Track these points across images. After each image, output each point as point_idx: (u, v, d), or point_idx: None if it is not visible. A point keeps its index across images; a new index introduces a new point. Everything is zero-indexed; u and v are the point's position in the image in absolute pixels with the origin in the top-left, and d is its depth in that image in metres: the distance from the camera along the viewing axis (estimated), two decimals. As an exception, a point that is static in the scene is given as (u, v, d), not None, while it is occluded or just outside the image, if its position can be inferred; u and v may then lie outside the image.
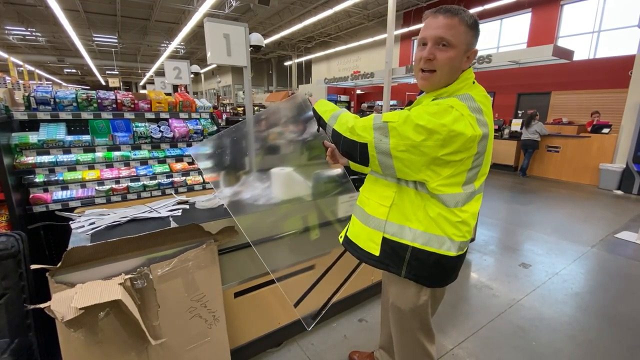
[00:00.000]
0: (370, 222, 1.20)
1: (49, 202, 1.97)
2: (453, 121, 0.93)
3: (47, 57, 20.01)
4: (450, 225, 1.09)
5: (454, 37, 1.00)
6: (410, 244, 1.11)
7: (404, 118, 0.99)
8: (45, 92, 1.97)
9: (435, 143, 0.95)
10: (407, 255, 1.13)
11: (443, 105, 0.97)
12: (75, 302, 1.12)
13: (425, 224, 1.09)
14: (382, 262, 1.18)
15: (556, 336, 2.19)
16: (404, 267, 1.14)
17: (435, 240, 1.10)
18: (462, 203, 1.07)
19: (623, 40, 8.53)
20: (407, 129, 0.96)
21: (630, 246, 3.68)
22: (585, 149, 6.93)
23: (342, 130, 1.12)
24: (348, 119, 1.14)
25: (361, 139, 1.05)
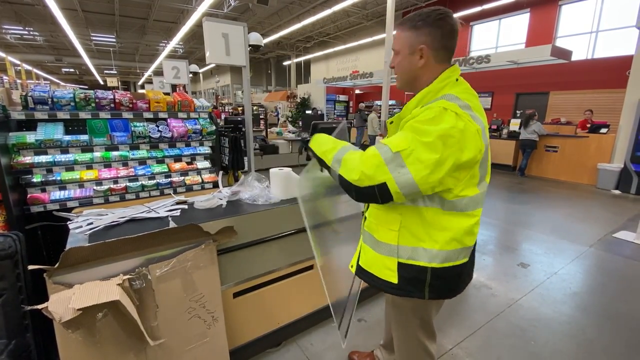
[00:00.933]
0: (381, 248, 1.13)
1: (46, 202, 1.96)
2: (455, 120, 0.93)
3: (45, 57, 19.94)
4: (466, 234, 1.07)
5: (397, 45, 1.11)
6: (428, 265, 1.06)
7: (412, 140, 0.93)
8: (42, 92, 1.96)
9: (454, 148, 0.92)
10: (427, 277, 1.07)
11: (435, 109, 0.95)
12: (73, 302, 1.12)
13: (441, 242, 1.05)
14: (402, 289, 1.10)
15: (555, 336, 2.20)
16: (426, 290, 1.09)
17: (453, 254, 1.07)
18: (475, 206, 1.06)
19: (621, 40, 8.56)
20: (421, 151, 0.91)
21: (629, 246, 3.69)
22: (584, 149, 6.95)
23: (352, 178, 0.98)
24: (354, 161, 1.00)
25: (376, 180, 0.94)
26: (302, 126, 8.87)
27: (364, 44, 15.81)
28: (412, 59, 1.07)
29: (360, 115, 11.08)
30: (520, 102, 10.59)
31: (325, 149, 1.11)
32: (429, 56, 1.05)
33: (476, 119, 0.99)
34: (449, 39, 1.04)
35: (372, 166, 0.95)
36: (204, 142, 2.55)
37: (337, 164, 1.04)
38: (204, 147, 2.55)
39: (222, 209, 1.92)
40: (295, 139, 7.06)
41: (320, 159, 1.13)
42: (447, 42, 1.04)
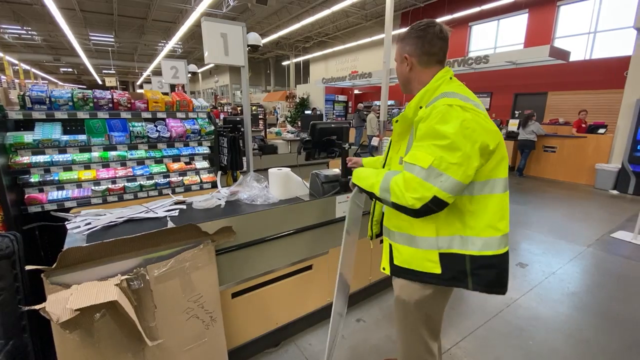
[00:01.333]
0: (420, 243, 1.17)
1: (44, 203, 1.95)
2: (463, 112, 1.01)
3: (43, 56, 19.88)
4: (499, 219, 1.10)
5: (394, 55, 1.30)
6: (466, 253, 1.11)
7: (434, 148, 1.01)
8: (40, 91, 1.95)
9: (474, 136, 1.00)
10: (467, 266, 1.12)
11: (440, 108, 1.03)
12: (71, 303, 1.11)
13: (477, 229, 1.10)
14: (447, 279, 1.14)
15: (553, 335, 2.20)
16: (469, 280, 1.13)
17: (492, 241, 1.10)
18: (504, 188, 1.11)
19: (619, 41, 8.59)
20: (447, 154, 0.99)
21: (626, 246, 3.70)
22: (582, 149, 6.97)
23: (405, 203, 1.03)
24: (399, 188, 1.05)
25: (427, 198, 1.00)
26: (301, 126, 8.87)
27: (363, 44, 15.83)
28: (401, 66, 1.25)
29: (359, 115, 11.09)
30: (519, 103, 10.62)
31: (371, 183, 1.18)
32: (413, 62, 1.20)
33: (479, 106, 1.08)
34: (431, 45, 1.16)
35: (416, 188, 1.01)
36: (203, 142, 2.55)
37: (387, 193, 1.10)
38: (203, 147, 2.55)
39: (221, 209, 1.92)
40: (294, 139, 7.06)
41: (370, 192, 1.21)
42: (429, 48, 1.16)
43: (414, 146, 1.08)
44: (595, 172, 6.55)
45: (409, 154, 1.08)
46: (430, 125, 1.03)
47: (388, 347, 2.06)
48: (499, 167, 1.09)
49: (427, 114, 1.06)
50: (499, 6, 10.39)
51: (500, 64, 8.40)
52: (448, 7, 11.67)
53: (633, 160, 6.01)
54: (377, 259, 2.40)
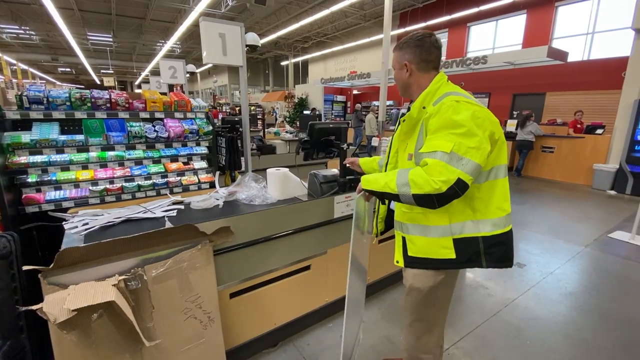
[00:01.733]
0: (433, 232, 1.24)
1: (41, 203, 1.95)
2: (471, 106, 1.13)
3: (41, 56, 19.81)
4: (504, 200, 1.22)
5: (392, 62, 1.39)
6: (478, 235, 1.21)
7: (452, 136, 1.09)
8: (38, 91, 1.94)
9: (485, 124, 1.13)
10: (481, 246, 1.22)
11: (449, 103, 1.14)
12: (68, 303, 1.11)
13: (486, 212, 1.21)
14: (462, 262, 1.23)
15: (550, 335, 2.21)
16: (483, 259, 1.23)
17: (499, 221, 1.22)
18: (505, 173, 1.24)
19: (616, 42, 8.62)
20: (465, 140, 1.08)
21: (624, 246, 3.72)
22: (579, 150, 6.99)
23: (431, 189, 1.06)
24: (421, 177, 1.08)
25: (452, 180, 1.05)
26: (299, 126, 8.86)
27: (361, 44, 15.83)
28: (401, 72, 1.34)
29: (357, 115, 11.10)
30: (517, 103, 10.64)
31: (383, 183, 1.21)
32: (412, 69, 1.30)
33: (479, 103, 1.19)
34: (429, 53, 1.27)
35: (441, 172, 1.06)
36: (201, 142, 2.55)
37: (406, 187, 1.12)
38: (201, 147, 2.55)
39: (219, 209, 1.92)
40: (293, 139, 7.05)
41: (383, 193, 1.23)
42: (427, 56, 1.27)
43: (430, 138, 1.15)
44: (593, 172, 6.57)
45: (426, 145, 1.15)
46: (444, 117, 1.12)
47: (387, 347, 2.06)
48: (500, 154, 1.21)
49: (436, 110, 1.16)
50: (498, 7, 10.41)
51: (499, 65, 8.43)
52: (447, 8, 11.68)
53: (631, 160, 6.03)
54: (375, 259, 2.41)
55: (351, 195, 2.12)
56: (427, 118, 1.18)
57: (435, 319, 1.41)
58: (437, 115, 1.14)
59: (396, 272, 2.65)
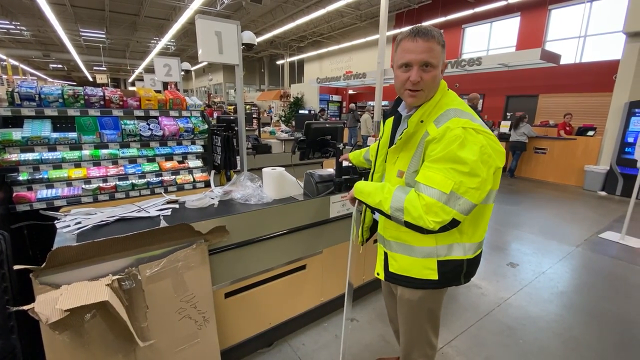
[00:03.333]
0: (418, 252, 1.20)
1: (33, 201, 1.92)
2: (478, 137, 1.04)
3: (32, 52, 19.49)
4: (486, 223, 1.22)
5: (435, 59, 1.08)
6: (464, 258, 1.20)
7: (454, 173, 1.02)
8: (29, 88, 1.91)
9: (490, 160, 1.05)
10: (464, 268, 1.21)
11: (456, 131, 1.03)
12: (61, 303, 1.09)
13: (474, 236, 1.19)
14: (443, 283, 1.22)
15: (542, 334, 2.24)
16: (462, 278, 1.24)
17: (481, 243, 1.25)
18: (494, 197, 1.21)
19: (608, 45, 8.76)
20: (467, 181, 1.02)
21: (614, 246, 3.78)
22: (571, 151, 7.09)
23: (424, 225, 1.04)
24: (417, 210, 1.04)
25: (447, 221, 1.04)
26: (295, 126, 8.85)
27: (357, 44, 15.86)
28: (440, 74, 1.13)
29: (353, 115, 11.11)
30: (511, 105, 10.75)
31: (378, 201, 1.16)
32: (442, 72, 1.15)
33: (484, 125, 1.10)
34: None
35: (437, 213, 1.03)
36: (196, 141, 2.52)
37: (399, 212, 1.08)
38: (196, 145, 2.53)
39: (214, 209, 1.90)
40: (288, 138, 7.04)
41: (376, 209, 1.18)
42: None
43: (428, 167, 1.07)
44: (584, 173, 6.67)
45: (424, 175, 1.07)
46: (449, 150, 1.03)
47: (381, 347, 2.07)
48: (496, 180, 1.14)
49: (440, 135, 1.05)
50: (492, 9, 10.51)
51: (493, 66, 8.50)
52: (442, 9, 11.76)
53: (621, 162, 6.13)
54: (370, 259, 2.41)
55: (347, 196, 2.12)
56: (429, 141, 1.08)
57: (428, 325, 1.39)
58: (441, 144, 1.04)
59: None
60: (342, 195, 2.10)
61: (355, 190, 1.31)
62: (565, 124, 7.55)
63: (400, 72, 1.14)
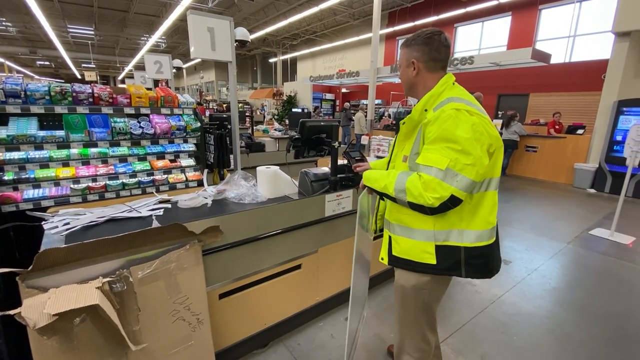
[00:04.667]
0: (417, 235, 1.24)
1: (19, 202, 1.86)
2: (470, 117, 1.10)
3: (18, 48, 19.03)
4: (491, 212, 1.22)
5: (399, 61, 1.35)
6: (461, 245, 1.21)
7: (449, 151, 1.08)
8: (15, 85, 1.85)
9: (483, 138, 1.11)
10: (462, 256, 1.21)
11: (449, 112, 1.11)
12: (49, 307, 1.06)
13: (472, 223, 1.20)
14: (442, 269, 1.23)
15: (535, 330, 2.26)
16: (463, 269, 1.23)
17: (484, 233, 1.22)
18: (496, 186, 1.24)
19: (597, 45, 8.90)
20: (462, 157, 1.08)
21: (603, 242, 3.85)
22: (561, 149, 7.20)
23: (424, 203, 1.10)
24: (417, 189, 1.10)
25: (445, 197, 1.08)
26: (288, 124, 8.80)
27: (350, 42, 15.86)
28: (407, 70, 1.30)
29: (346, 114, 11.12)
30: (502, 103, 10.87)
31: (383, 185, 1.23)
32: (420, 67, 1.26)
33: (482, 110, 1.17)
34: (438, 52, 1.23)
35: (435, 189, 1.08)
36: (188, 139, 2.48)
37: (402, 193, 1.15)
38: (188, 144, 2.49)
39: (207, 208, 1.87)
40: (282, 137, 7.00)
41: (382, 193, 1.27)
42: (436, 55, 1.23)
43: (426, 149, 1.15)
44: (574, 171, 6.77)
45: (422, 157, 1.15)
46: (442, 129, 1.10)
47: (377, 345, 2.06)
48: (495, 167, 1.20)
49: (435, 117, 1.13)
50: (483, 8, 10.60)
51: (485, 65, 8.58)
52: (434, 8, 11.82)
53: (610, 160, 6.24)
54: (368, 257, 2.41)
55: (342, 194, 2.11)
56: (426, 124, 1.17)
57: (420, 318, 1.39)
58: (436, 124, 1.12)
59: (387, 270, 2.66)
60: (337, 194, 2.08)
61: (365, 177, 1.38)
62: (554, 123, 7.66)
63: None
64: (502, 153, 1.22)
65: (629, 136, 3.74)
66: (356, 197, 2.19)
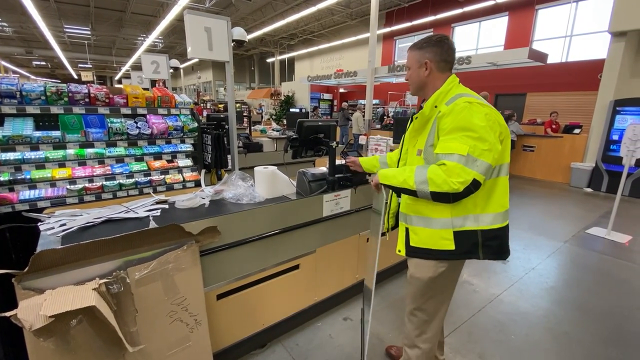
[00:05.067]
0: (435, 224, 1.31)
1: (15, 202, 1.85)
2: (483, 107, 1.22)
3: (14, 49, 18.91)
4: (503, 196, 1.31)
5: (409, 62, 1.43)
6: (477, 228, 1.29)
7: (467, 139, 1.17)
8: (10, 85, 1.83)
9: (495, 126, 1.22)
10: (479, 239, 1.29)
11: (462, 105, 1.21)
12: (45, 309, 1.05)
13: (487, 207, 1.28)
14: (460, 254, 1.31)
15: (533, 329, 2.27)
16: (480, 251, 1.31)
17: (498, 216, 1.30)
18: (507, 171, 1.32)
19: (593, 44, 8.95)
20: (479, 143, 1.17)
21: (600, 241, 3.87)
22: (558, 149, 7.23)
23: (449, 189, 1.16)
24: (440, 177, 1.17)
25: (469, 180, 1.15)
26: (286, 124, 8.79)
27: (348, 42, 15.86)
28: (419, 71, 1.39)
29: (344, 114, 11.12)
30: (499, 103, 10.90)
31: (402, 180, 1.28)
32: (432, 68, 1.36)
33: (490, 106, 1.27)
34: (447, 54, 1.35)
35: (459, 174, 1.15)
36: (186, 140, 2.47)
37: (424, 185, 1.21)
38: (186, 144, 2.48)
39: (205, 209, 1.87)
40: (280, 137, 6.99)
41: (401, 188, 1.30)
42: (446, 56, 1.35)
43: (444, 139, 1.23)
44: (571, 170, 6.80)
45: (441, 146, 1.23)
46: (458, 119, 1.20)
47: (375, 344, 2.06)
48: (504, 154, 1.29)
49: (449, 110, 1.23)
50: (481, 8, 10.63)
51: (482, 65, 8.60)
52: (432, 8, 11.84)
53: (606, 159, 6.28)
54: (364, 260, 2.41)
55: (340, 194, 2.11)
56: (440, 117, 1.25)
57: (433, 311, 1.47)
58: (451, 116, 1.21)
59: (383, 271, 2.66)
60: (335, 194, 2.08)
61: (380, 175, 1.39)
62: (551, 122, 7.70)
63: None
64: (510, 141, 1.31)
65: (625, 135, 3.76)
66: (354, 197, 2.19)
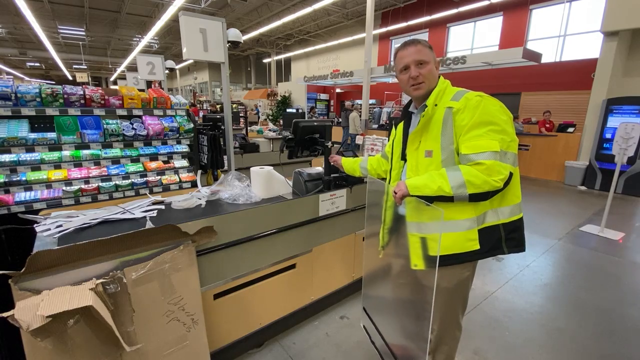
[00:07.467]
0: (462, 226, 1.27)
1: (10, 204, 1.85)
2: (494, 99, 1.25)
3: (8, 50, 18.75)
4: (517, 187, 1.31)
5: (426, 56, 1.33)
6: (498, 222, 1.28)
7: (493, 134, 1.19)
8: (5, 87, 1.83)
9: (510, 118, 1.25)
10: (502, 233, 1.29)
11: (475, 99, 1.22)
12: (42, 309, 1.05)
13: (503, 200, 1.29)
14: (485, 252, 1.29)
15: (528, 325, 2.30)
16: (504, 245, 1.30)
17: (515, 207, 1.31)
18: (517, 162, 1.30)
19: (586, 44, 9.04)
20: (505, 136, 1.20)
21: (593, 238, 3.91)
22: (552, 147, 7.30)
23: (490, 187, 1.17)
24: (479, 177, 1.16)
25: (506, 176, 1.18)
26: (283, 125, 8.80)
27: (344, 42, 15.89)
28: (435, 69, 1.37)
29: (346, 114, 11.11)
30: (494, 102, 10.95)
31: (436, 187, 1.22)
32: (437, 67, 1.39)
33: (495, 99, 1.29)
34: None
35: (500, 171, 1.17)
36: (182, 140, 2.48)
37: (462, 189, 1.19)
38: (182, 145, 2.48)
39: (201, 209, 1.88)
40: (276, 137, 7.00)
41: (434, 197, 1.23)
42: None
43: (469, 137, 1.21)
44: (565, 169, 6.87)
45: (470, 145, 1.20)
46: (478, 114, 1.20)
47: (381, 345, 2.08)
48: (514, 143, 1.27)
49: (462, 105, 1.23)
50: (475, 8, 10.70)
51: (477, 65, 8.66)
52: (427, 8, 11.89)
53: (599, 157, 6.35)
54: (359, 257, 2.43)
55: (336, 194, 2.12)
56: (455, 112, 1.24)
57: (460, 309, 1.48)
58: (467, 111, 1.21)
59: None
60: (331, 193, 2.10)
61: (410, 187, 1.27)
62: (545, 122, 7.77)
63: (402, 75, 1.37)
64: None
65: (617, 134, 3.81)
66: (350, 197, 2.21)
